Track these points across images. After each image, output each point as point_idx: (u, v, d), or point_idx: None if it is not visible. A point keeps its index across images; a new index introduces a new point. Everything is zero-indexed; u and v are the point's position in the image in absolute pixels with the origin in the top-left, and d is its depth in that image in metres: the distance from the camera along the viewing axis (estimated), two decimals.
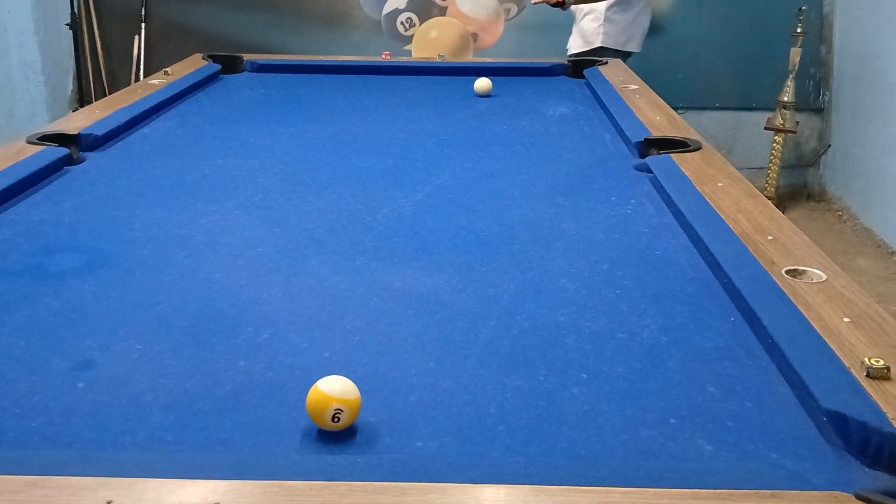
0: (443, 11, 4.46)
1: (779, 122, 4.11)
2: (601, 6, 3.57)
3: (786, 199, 4.41)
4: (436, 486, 0.78)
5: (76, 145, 2.03)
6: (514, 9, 4.56)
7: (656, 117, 2.26)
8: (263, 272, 1.37)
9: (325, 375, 0.94)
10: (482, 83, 2.79)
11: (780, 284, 1.21)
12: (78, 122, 2.19)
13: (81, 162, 1.98)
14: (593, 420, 0.95)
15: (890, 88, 3.79)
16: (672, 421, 0.94)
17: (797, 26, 3.98)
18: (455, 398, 0.99)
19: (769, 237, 1.40)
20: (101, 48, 4.48)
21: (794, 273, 1.26)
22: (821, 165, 4.53)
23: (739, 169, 1.88)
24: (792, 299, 1.16)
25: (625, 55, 3.60)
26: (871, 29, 3.99)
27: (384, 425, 0.94)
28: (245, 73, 3.17)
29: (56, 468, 0.81)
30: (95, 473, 0.80)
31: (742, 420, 0.94)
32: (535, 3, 3.71)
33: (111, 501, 0.75)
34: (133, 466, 0.82)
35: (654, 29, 4.45)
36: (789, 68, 4.03)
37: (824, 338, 1.05)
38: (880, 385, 0.93)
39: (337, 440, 0.91)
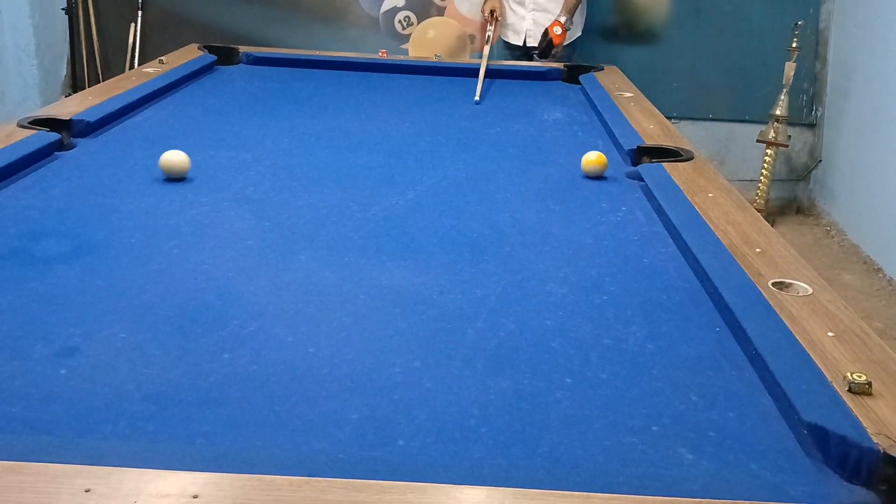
0: (441, 11, 4.46)
1: (771, 135, 4.12)
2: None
3: (775, 212, 4.43)
4: (416, 486, 0.78)
5: (67, 131, 2.02)
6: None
7: (650, 126, 2.27)
8: (251, 265, 1.37)
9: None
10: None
11: (767, 297, 1.21)
12: (70, 107, 2.17)
13: (72, 148, 1.97)
14: (576, 425, 0.95)
15: (882, 106, 3.81)
16: (654, 428, 0.95)
17: (793, 41, 4.00)
18: (438, 398, 0.99)
19: (757, 249, 1.41)
20: (97, 34, 4.45)
21: (780, 286, 1.26)
22: (811, 180, 4.55)
23: (730, 181, 1.89)
24: (777, 312, 1.17)
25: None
26: (866, 46, 4.01)
27: (367, 423, 0.93)
28: (241, 65, 3.16)
29: (34, 455, 0.80)
30: (74, 461, 0.79)
31: (723, 430, 0.95)
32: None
33: (89, 490, 0.75)
34: (112, 455, 0.81)
35: (651, 38, 4.47)
36: (783, 82, 4.05)
37: (808, 351, 1.06)
38: (861, 400, 0.94)
39: (318, 436, 0.91)
